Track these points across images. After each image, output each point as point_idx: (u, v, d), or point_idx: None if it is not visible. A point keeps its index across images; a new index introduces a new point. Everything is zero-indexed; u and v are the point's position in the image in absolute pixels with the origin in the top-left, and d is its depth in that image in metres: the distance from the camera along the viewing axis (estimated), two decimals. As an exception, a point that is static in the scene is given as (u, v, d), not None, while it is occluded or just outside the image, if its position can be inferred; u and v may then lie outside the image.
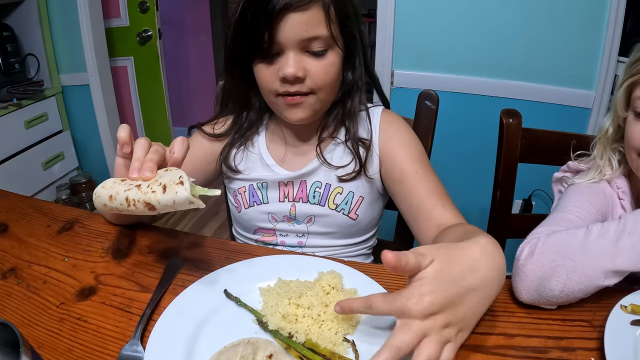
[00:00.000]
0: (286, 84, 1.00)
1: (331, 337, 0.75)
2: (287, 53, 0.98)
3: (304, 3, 0.93)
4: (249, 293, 0.85)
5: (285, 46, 0.98)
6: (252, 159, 1.20)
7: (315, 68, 1.00)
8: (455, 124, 2.35)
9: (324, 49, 1.00)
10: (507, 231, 1.41)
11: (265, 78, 1.03)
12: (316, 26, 0.96)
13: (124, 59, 3.42)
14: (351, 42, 1.06)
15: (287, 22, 0.95)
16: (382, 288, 0.84)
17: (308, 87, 1.01)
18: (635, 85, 0.94)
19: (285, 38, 0.96)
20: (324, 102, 1.07)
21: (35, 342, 0.76)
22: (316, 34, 0.97)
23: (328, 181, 1.16)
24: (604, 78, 2.16)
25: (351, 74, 1.09)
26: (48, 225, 1.10)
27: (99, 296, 0.87)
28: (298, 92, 1.01)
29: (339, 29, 1.01)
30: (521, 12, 2.15)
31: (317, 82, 1.01)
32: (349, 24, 1.03)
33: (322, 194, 1.16)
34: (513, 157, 1.32)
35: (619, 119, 1.01)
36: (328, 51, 1.00)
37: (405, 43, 2.32)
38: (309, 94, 1.03)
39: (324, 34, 0.98)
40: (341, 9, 1.00)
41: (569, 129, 1.38)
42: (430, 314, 0.65)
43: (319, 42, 0.98)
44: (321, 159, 1.14)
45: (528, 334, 0.77)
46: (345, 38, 1.04)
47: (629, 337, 0.73)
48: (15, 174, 2.75)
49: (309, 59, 1.00)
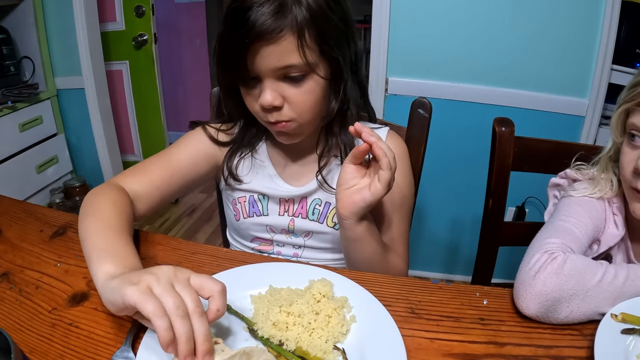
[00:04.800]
0: (266, 112, 1.00)
1: (321, 345, 0.75)
2: (264, 81, 0.97)
3: (274, 34, 0.91)
4: (240, 300, 0.85)
5: (262, 74, 0.97)
6: (254, 168, 1.19)
7: (294, 96, 0.98)
8: (449, 132, 2.36)
9: (302, 75, 0.97)
10: (499, 239, 1.41)
11: (249, 104, 1.03)
12: (288, 55, 0.94)
13: (119, 63, 3.42)
14: (337, 65, 1.01)
15: (259, 53, 0.93)
16: (372, 296, 0.84)
17: (287, 116, 1.00)
18: (630, 111, 0.94)
19: (260, 68, 0.95)
20: (307, 126, 1.06)
21: (26, 348, 0.75)
22: (289, 63, 0.94)
23: (328, 199, 1.16)
24: (597, 86, 2.17)
25: (335, 99, 1.06)
26: (41, 230, 1.09)
27: (91, 302, 0.86)
28: (278, 120, 1.01)
29: (318, 53, 0.97)
30: (515, 20, 2.17)
31: (296, 109, 1.00)
32: (330, 47, 0.98)
33: (321, 212, 1.17)
34: (505, 166, 1.33)
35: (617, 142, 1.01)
36: (306, 77, 0.98)
37: (400, 50, 2.33)
38: (290, 121, 1.01)
39: (298, 62, 0.95)
40: (319, 33, 0.96)
41: (563, 137, 1.39)
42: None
43: (295, 70, 0.96)
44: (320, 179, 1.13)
45: (518, 343, 0.78)
46: (328, 60, 1.00)
47: (619, 346, 0.73)
48: (9, 177, 2.74)
49: (287, 85, 0.98)
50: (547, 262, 0.83)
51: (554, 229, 0.97)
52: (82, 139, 3.24)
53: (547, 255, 0.84)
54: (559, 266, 0.82)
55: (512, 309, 0.85)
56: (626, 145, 0.96)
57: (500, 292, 0.90)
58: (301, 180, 1.17)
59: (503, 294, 0.89)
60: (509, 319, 0.83)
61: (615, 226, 1.03)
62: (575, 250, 0.91)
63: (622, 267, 0.83)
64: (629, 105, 0.94)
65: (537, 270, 0.83)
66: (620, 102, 0.96)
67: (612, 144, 1.04)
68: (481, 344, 0.78)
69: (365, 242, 1.01)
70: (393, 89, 2.39)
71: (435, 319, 0.83)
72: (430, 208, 2.58)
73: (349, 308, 0.83)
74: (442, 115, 1.89)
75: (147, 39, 3.32)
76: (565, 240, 0.91)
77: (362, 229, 0.99)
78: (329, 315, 0.80)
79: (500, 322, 0.83)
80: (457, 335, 0.79)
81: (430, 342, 0.78)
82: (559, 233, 0.95)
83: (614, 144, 1.03)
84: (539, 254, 0.86)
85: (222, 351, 0.71)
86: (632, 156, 0.94)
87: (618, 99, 0.98)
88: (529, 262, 0.85)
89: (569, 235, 0.94)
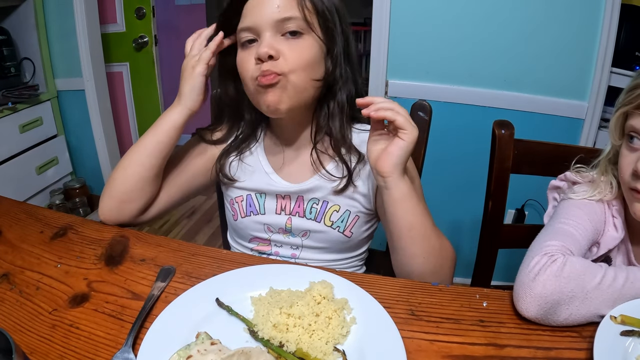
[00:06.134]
0: (260, 65, 1.01)
1: (322, 347, 0.75)
2: (263, 34, 1.01)
3: None
4: (241, 302, 0.85)
5: (261, 29, 1.00)
6: (250, 166, 1.20)
7: (289, 50, 1.01)
8: (449, 134, 2.36)
9: (299, 32, 1.02)
10: (499, 241, 1.42)
11: (244, 65, 1.04)
12: (289, 8, 1.00)
13: (119, 64, 3.42)
14: (331, 35, 1.06)
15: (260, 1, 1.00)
16: (373, 297, 0.85)
17: (280, 68, 1.00)
18: (629, 114, 0.94)
19: (260, 18, 1.00)
20: (298, 89, 1.04)
21: (27, 349, 0.76)
22: (288, 14, 0.99)
23: (325, 198, 1.16)
24: (597, 89, 2.17)
25: (332, 65, 1.08)
26: (41, 231, 1.10)
27: (92, 303, 0.87)
28: (269, 71, 1.00)
29: (315, 18, 1.03)
30: (515, 23, 2.17)
31: (289, 63, 1.01)
32: (327, 16, 1.04)
33: (318, 210, 1.17)
34: (505, 168, 1.33)
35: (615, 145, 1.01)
36: (304, 35, 1.02)
37: (400, 53, 2.33)
38: (282, 76, 1.01)
39: (297, 16, 1.00)
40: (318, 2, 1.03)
41: (562, 140, 1.39)
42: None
43: (293, 23, 1.00)
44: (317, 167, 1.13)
45: (518, 345, 0.78)
46: (324, 29, 1.05)
47: (619, 347, 0.74)
48: (9, 178, 2.74)
49: (284, 41, 1.01)
50: (546, 264, 0.83)
51: (554, 231, 0.97)
52: (82, 141, 3.24)
53: (547, 258, 0.85)
54: (559, 268, 0.82)
55: (511, 311, 0.85)
56: (625, 147, 0.96)
57: (500, 294, 0.90)
58: (298, 177, 1.17)
59: (503, 296, 0.89)
60: (509, 321, 0.83)
61: (614, 229, 1.03)
62: (575, 252, 0.91)
63: (621, 269, 0.84)
64: (627, 108, 0.94)
65: (537, 272, 0.83)
66: (619, 105, 0.96)
67: (611, 147, 1.04)
68: (481, 345, 0.78)
69: (413, 201, 1.00)
70: (393, 92, 2.39)
71: (435, 320, 0.83)
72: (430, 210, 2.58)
73: (349, 310, 0.83)
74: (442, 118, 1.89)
75: (148, 40, 3.33)
76: (564, 242, 0.92)
77: (407, 185, 0.99)
78: (329, 317, 0.80)
79: (500, 324, 0.83)
80: (457, 337, 0.80)
81: (430, 343, 0.78)
82: (558, 235, 0.95)
83: (613, 147, 1.03)
84: (538, 256, 0.86)
85: (219, 351, 0.71)
86: (631, 158, 0.94)
87: (617, 102, 0.98)
88: (528, 264, 0.86)
89: (568, 237, 0.95)
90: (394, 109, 0.93)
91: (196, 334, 0.77)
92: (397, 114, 0.93)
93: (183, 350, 0.72)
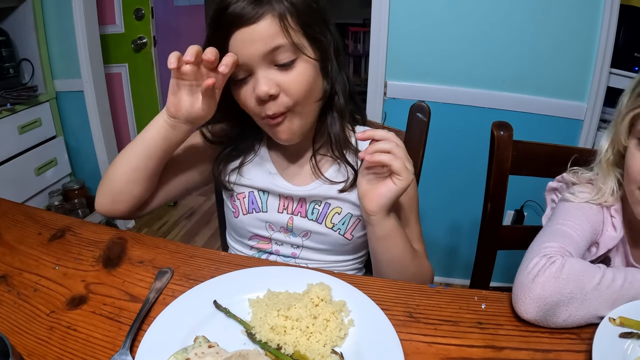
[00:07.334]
0: (263, 105, 1.00)
1: (319, 349, 0.75)
2: (257, 71, 0.98)
3: (254, 18, 0.93)
4: (238, 304, 0.85)
5: (252, 65, 0.97)
6: (254, 165, 1.20)
7: (288, 81, 0.98)
8: (448, 135, 2.36)
9: (292, 60, 0.98)
10: (498, 243, 1.41)
11: (246, 102, 1.03)
12: (273, 37, 0.95)
13: (118, 65, 3.41)
14: (323, 49, 1.03)
15: (243, 39, 0.95)
16: (371, 300, 0.85)
17: (284, 105, 1.00)
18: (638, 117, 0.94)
19: (249, 56, 0.96)
20: (304, 115, 1.05)
21: (24, 351, 0.76)
22: (275, 44, 0.95)
23: (328, 200, 1.16)
24: (596, 89, 2.18)
25: (328, 84, 1.07)
26: (39, 233, 1.09)
27: (89, 305, 0.87)
28: (275, 113, 1.00)
29: (302, 35, 0.99)
30: (514, 24, 2.17)
31: (291, 95, 0.99)
32: (312, 28, 1.00)
33: (320, 212, 1.17)
34: (504, 170, 1.33)
35: (620, 145, 1.00)
36: (296, 61, 0.99)
37: (399, 54, 2.33)
38: (287, 112, 1.01)
39: (284, 42, 0.95)
40: (300, 17, 0.97)
41: (561, 141, 1.39)
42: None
43: (283, 52, 0.97)
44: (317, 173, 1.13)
45: (516, 347, 0.78)
46: (314, 45, 1.01)
47: (618, 349, 0.74)
48: (8, 179, 2.73)
49: (279, 73, 0.98)
50: (545, 265, 0.83)
51: (552, 232, 0.97)
52: (81, 142, 3.24)
53: (546, 259, 0.85)
54: (558, 270, 0.82)
55: (510, 313, 0.85)
56: (635, 148, 0.95)
57: (499, 296, 0.90)
58: (301, 180, 1.18)
59: (501, 297, 0.89)
60: (507, 322, 0.83)
61: (613, 228, 1.03)
62: (574, 253, 0.91)
63: (620, 270, 0.84)
64: (637, 112, 0.93)
65: (536, 274, 0.83)
66: (628, 109, 0.95)
67: (609, 148, 1.04)
68: (479, 348, 0.78)
69: (395, 239, 1.03)
70: (392, 93, 2.39)
71: (433, 323, 0.83)
72: (428, 212, 2.58)
73: (347, 312, 0.83)
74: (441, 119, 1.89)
75: (147, 41, 3.32)
76: (563, 244, 0.92)
77: (391, 225, 1.01)
78: (327, 319, 0.80)
79: (499, 326, 0.83)
80: (455, 339, 0.80)
81: (428, 346, 0.78)
82: (557, 237, 0.95)
83: (615, 148, 1.03)
84: (537, 257, 0.86)
85: (216, 353, 0.71)
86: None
87: (622, 104, 0.98)
88: (527, 265, 0.85)
89: (567, 238, 0.95)
90: (391, 152, 0.93)
91: (194, 338, 0.77)
92: (394, 159, 0.93)
93: (180, 353, 0.72)
